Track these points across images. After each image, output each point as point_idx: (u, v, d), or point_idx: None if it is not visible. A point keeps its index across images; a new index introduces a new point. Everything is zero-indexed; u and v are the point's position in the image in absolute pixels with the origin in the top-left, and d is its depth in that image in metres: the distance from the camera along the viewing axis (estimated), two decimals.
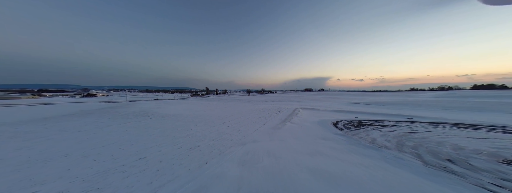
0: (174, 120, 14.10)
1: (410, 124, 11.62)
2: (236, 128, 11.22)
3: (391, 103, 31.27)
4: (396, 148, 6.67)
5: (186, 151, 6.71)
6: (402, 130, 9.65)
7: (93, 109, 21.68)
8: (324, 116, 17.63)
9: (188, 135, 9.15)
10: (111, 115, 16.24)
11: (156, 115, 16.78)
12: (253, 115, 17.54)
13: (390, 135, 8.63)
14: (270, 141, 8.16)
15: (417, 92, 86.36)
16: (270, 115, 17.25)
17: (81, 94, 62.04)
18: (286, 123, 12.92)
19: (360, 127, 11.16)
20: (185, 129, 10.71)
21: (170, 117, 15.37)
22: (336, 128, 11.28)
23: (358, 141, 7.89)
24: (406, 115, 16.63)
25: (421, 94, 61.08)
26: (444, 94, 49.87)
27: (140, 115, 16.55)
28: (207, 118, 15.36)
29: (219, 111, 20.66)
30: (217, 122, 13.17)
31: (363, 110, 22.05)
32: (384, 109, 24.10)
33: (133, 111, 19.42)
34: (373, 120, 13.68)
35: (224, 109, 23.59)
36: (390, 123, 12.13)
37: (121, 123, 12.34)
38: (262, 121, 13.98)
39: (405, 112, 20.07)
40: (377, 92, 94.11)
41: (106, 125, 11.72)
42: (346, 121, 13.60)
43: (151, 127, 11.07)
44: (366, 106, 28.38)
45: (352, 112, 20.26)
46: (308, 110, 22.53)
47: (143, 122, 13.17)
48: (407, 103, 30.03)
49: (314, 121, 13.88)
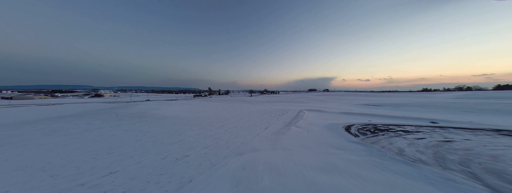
0: (169, 122, 13.12)
1: (438, 130, 9.92)
2: (234, 132, 10.01)
3: (406, 104, 28.96)
4: (436, 163, 5.17)
5: (170, 163, 5.55)
6: (432, 138, 8.04)
7: (94, 110, 21.27)
8: (333, 118, 16.07)
9: (179, 141, 8.03)
10: (107, 117, 15.54)
11: (153, 116, 15.91)
12: (255, 117, 16.28)
13: (420, 144, 7.08)
14: (273, 150, 6.86)
15: (431, 93, 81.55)
16: (273, 118, 15.92)
17: (90, 95, 63.40)
18: (290, 127, 11.57)
19: (378, 133, 9.61)
20: (178, 133, 9.62)
21: (166, 119, 14.42)
22: (349, 133, 9.79)
23: (381, 152, 6.42)
24: (428, 119, 14.76)
25: (437, 95, 57.27)
26: (464, 95, 46.17)
27: (137, 116, 15.74)
28: (205, 120, 14.28)
29: (220, 112, 19.57)
30: (215, 125, 12.02)
31: (376, 112, 20.20)
32: (399, 111, 22.06)
33: (131, 112, 18.73)
34: (391, 124, 12.02)
35: (224, 110, 22.50)
36: (414, 128, 10.46)
37: (113, 126, 11.47)
38: (264, 124, 12.69)
39: (424, 114, 18.08)
40: (386, 93, 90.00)
41: (97, 128, 10.88)
42: (360, 125, 12.03)
43: (142, 131, 10.09)
44: (377, 108, 26.34)
45: (364, 114, 18.51)
46: (314, 112, 20.96)
47: (137, 124, 12.26)
48: (424, 104, 27.64)
49: (323, 125, 12.42)
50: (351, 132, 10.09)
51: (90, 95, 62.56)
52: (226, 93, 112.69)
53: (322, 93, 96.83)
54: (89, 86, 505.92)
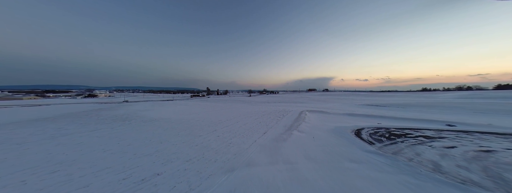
0: (155, 126, 11.60)
1: (464, 135, 8.55)
2: (227, 139, 8.54)
3: (410, 104, 27.72)
4: (498, 187, 3.76)
5: (130, 187, 4.07)
6: (465, 146, 6.65)
7: (78, 111, 19.64)
8: (338, 121, 14.68)
9: (157, 152, 6.53)
10: (87, 120, 13.97)
11: (140, 119, 14.37)
12: (252, 119, 14.83)
13: (456, 156, 5.68)
14: (272, 165, 5.42)
15: (431, 92, 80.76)
16: (272, 120, 14.48)
17: (83, 95, 61.43)
18: (292, 131, 10.13)
19: (396, 139, 8.21)
20: (160, 140, 8.12)
21: (153, 122, 12.90)
22: (361, 139, 8.38)
23: (411, 167, 5.01)
24: (441, 121, 13.43)
25: (439, 94, 56.25)
26: (467, 94, 45.16)
27: (121, 119, 14.18)
28: (197, 123, 12.78)
29: (215, 114, 18.08)
30: (207, 130, 10.53)
31: (382, 113, 18.86)
32: (407, 112, 20.76)
33: (118, 114, 17.15)
34: (405, 128, 10.64)
35: (221, 111, 21.00)
36: (434, 133, 9.08)
37: (87, 131, 9.92)
38: (262, 128, 11.24)
39: (435, 116, 16.78)
40: (386, 93, 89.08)
41: (66, 134, 9.32)
42: (370, 129, 10.64)
43: (118, 138, 8.56)
44: (382, 108, 25.03)
45: (370, 115, 17.15)
46: (317, 113, 19.57)
47: (117, 129, 10.72)
48: (429, 104, 26.42)
49: (328, 129, 11.01)
50: (363, 138, 8.68)
51: (83, 95, 60.60)
52: (224, 94, 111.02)
53: (322, 93, 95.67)
54: (86, 86, 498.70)
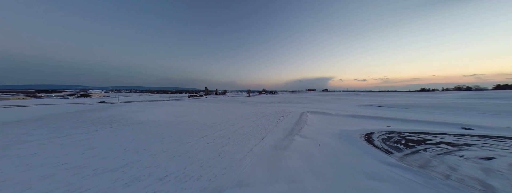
0: (139, 130, 10.26)
1: (491, 141, 7.42)
2: (218, 147, 7.27)
3: (414, 105, 26.72)
4: None
5: None
6: (504, 157, 5.49)
7: (60, 113, 18.17)
8: (342, 123, 13.50)
9: (126, 166, 5.24)
10: (63, 123, 12.56)
11: (125, 122, 13.01)
12: (250, 122, 13.57)
13: (502, 171, 4.50)
14: (271, 185, 4.17)
15: (431, 92, 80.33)
16: (271, 122, 13.24)
17: (76, 95, 59.51)
18: (294, 136, 8.90)
19: (415, 147, 7.02)
20: (137, 149, 6.81)
21: (138, 126, 11.56)
22: (375, 147, 7.19)
23: (454, 189, 3.81)
24: (455, 123, 12.33)
25: (440, 95, 55.56)
26: (469, 95, 44.41)
27: (103, 122, 12.80)
28: (187, 126, 11.48)
29: (209, 116, 16.78)
30: (197, 135, 9.24)
31: (388, 115, 17.77)
32: (413, 113, 19.71)
33: (102, 115, 15.75)
34: (420, 132, 9.49)
35: (217, 112, 19.70)
36: (457, 139, 7.93)
37: (54, 137, 8.56)
38: (260, 132, 9.99)
39: (445, 117, 15.71)
40: (385, 93, 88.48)
41: (26, 141, 7.93)
42: (381, 133, 9.47)
43: (87, 146, 7.23)
44: (386, 109, 23.97)
45: (376, 117, 16.02)
46: (318, 114, 18.40)
47: (92, 134, 9.36)
48: (433, 105, 25.45)
49: (334, 133, 9.81)
50: (377, 145, 7.48)
51: (76, 95, 58.65)
52: (223, 94, 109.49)
53: (321, 93, 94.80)
54: (83, 86, 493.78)
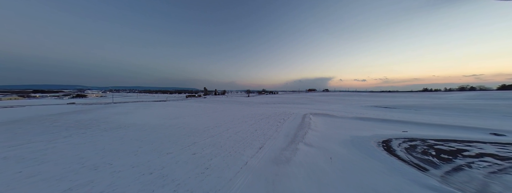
0: (116, 136, 8.83)
1: None
2: (205, 159, 5.85)
3: (422, 106, 25.25)
4: None
5: None
6: None
7: (41, 115, 16.72)
8: (350, 127, 12.07)
9: (68, 191, 3.83)
10: (32, 127, 11.15)
11: (105, 126, 11.59)
12: (247, 125, 12.14)
13: None
14: None
15: (434, 93, 78.81)
16: (271, 126, 11.81)
17: (71, 96, 58.15)
18: (297, 144, 7.47)
19: (452, 160, 5.59)
20: (97, 164, 5.38)
21: (118, 131, 10.12)
22: (400, 159, 5.76)
23: None
24: (480, 128, 10.90)
25: (445, 95, 53.97)
26: (476, 95, 42.88)
27: (81, 126, 11.36)
28: (175, 131, 10.05)
29: (203, 118, 15.35)
30: (182, 143, 7.81)
31: (398, 117, 16.33)
32: (424, 115, 18.26)
33: (84, 118, 14.31)
34: (445, 139, 8.05)
35: (213, 114, 18.28)
36: (498, 149, 6.49)
37: (11, 145, 7.13)
38: (258, 139, 8.56)
39: (464, 120, 14.27)
40: (387, 93, 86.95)
41: None
42: (400, 140, 8.03)
43: (39, 159, 5.80)
44: (393, 111, 22.53)
45: (386, 120, 14.57)
46: (322, 117, 16.96)
47: (57, 142, 7.94)
48: (443, 106, 23.97)
49: (344, 140, 8.38)
50: (401, 156, 6.05)
51: (71, 96, 57.29)
52: (222, 94, 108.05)
53: (322, 94, 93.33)
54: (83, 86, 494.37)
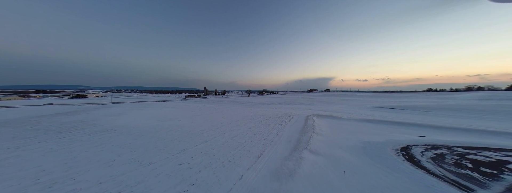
0: (98, 142, 7.86)
1: None
2: (193, 172, 4.82)
3: (432, 107, 23.93)
4: None
5: None
6: None
7: (28, 116, 15.83)
8: (359, 130, 10.95)
9: None
10: (10, 130, 10.27)
11: (92, 128, 10.64)
12: (246, 128, 11.10)
13: None
14: None
15: (438, 93, 76.89)
16: (271, 129, 10.75)
17: (70, 96, 57.88)
18: (301, 152, 6.41)
19: (501, 177, 4.48)
20: (55, 180, 4.37)
21: (103, 135, 9.15)
22: (430, 173, 4.66)
23: None
24: (508, 132, 9.70)
25: (454, 95, 52.13)
26: (487, 95, 40.96)
27: (63, 129, 10.41)
28: (165, 135, 9.06)
29: (200, 120, 14.36)
30: (171, 150, 6.79)
31: (410, 119, 15.15)
32: (439, 117, 17.02)
33: (71, 120, 13.40)
34: (477, 147, 6.90)
35: (211, 115, 17.29)
36: None
37: None
38: (256, 145, 7.51)
39: (483, 123, 13.05)
40: (391, 93, 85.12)
41: None
42: (422, 148, 6.92)
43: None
44: (402, 112, 21.30)
45: (397, 123, 13.41)
46: (326, 119, 15.86)
47: (26, 148, 6.99)
48: (455, 107, 22.60)
49: (355, 146, 7.30)
50: (430, 169, 4.95)
51: (71, 96, 56.99)
52: (223, 94, 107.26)
53: (324, 94, 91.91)
54: (86, 86, 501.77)
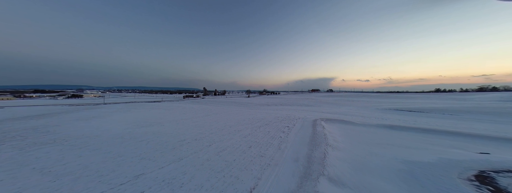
0: (27, 159, 5.71)
1: None
2: None
3: (457, 110, 21.30)
4: None
5: None
6: None
7: (7, 118, 14.00)
8: (387, 141, 8.62)
9: None
10: None
11: (43, 137, 8.54)
12: (239, 137, 8.87)
13: None
14: None
15: (450, 94, 73.43)
16: (271, 139, 8.50)
17: (66, 96, 56.49)
18: (317, 182, 4.16)
19: None
20: None
21: (48, 147, 7.01)
22: None
23: None
24: None
25: (471, 96, 48.66)
26: (509, 96, 37.60)
27: (8, 138, 8.35)
28: (130, 148, 6.88)
29: (186, 125, 12.18)
30: (118, 176, 4.60)
31: (442, 126, 12.80)
32: (472, 122, 14.56)
33: (23, 126, 11.20)
34: None
35: (201, 119, 15.12)
36: None
37: None
38: (250, 167, 5.27)
39: None
40: (398, 94, 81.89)
41: None
42: (494, 175, 4.63)
43: None
44: (424, 116, 18.84)
45: (428, 130, 11.03)
46: (338, 124, 13.54)
47: None
48: (484, 110, 19.94)
49: (395, 169, 5.04)
50: None
51: (66, 96, 55.62)
52: (222, 94, 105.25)
53: (327, 94, 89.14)
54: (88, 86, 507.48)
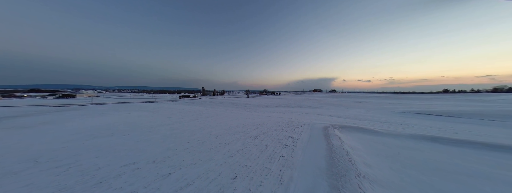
0: None
1: None
2: None
3: (482, 113, 18.01)
4: None
5: None
6: None
7: None
8: (449, 168, 5.43)
9: None
10: None
11: None
12: (223, 156, 5.77)
13: None
14: None
15: (461, 94, 69.63)
16: (269, 159, 5.39)
17: (57, 96, 54.11)
18: None
19: None
20: None
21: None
22: None
23: None
24: None
25: (488, 98, 45.01)
26: None
27: None
28: (36, 181, 3.83)
29: (159, 135, 9.10)
30: None
31: (492, 135, 9.57)
32: None
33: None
34: None
35: (186, 125, 12.06)
36: None
37: None
38: None
39: None
40: (404, 95, 78.03)
41: None
42: None
43: None
44: (457, 121, 15.59)
45: (490, 146, 7.83)
46: (357, 133, 10.36)
47: None
48: None
49: None
50: None
51: (57, 96, 53.21)
52: (221, 94, 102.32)
53: (330, 95, 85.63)
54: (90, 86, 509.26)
